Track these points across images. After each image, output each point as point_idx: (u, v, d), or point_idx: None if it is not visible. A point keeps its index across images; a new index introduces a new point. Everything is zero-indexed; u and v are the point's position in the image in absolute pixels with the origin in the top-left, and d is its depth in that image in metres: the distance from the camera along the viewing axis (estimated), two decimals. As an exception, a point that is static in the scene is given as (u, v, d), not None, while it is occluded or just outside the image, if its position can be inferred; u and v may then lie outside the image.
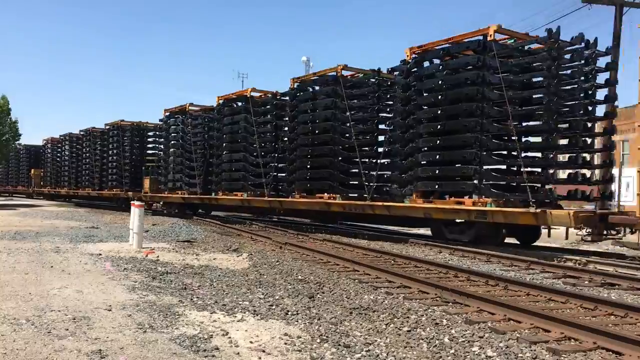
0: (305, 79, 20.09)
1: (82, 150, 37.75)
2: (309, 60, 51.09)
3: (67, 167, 40.20)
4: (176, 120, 27.22)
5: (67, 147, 40.55)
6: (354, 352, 5.08)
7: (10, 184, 57.01)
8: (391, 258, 11.44)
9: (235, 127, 22.60)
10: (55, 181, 43.10)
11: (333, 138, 18.23)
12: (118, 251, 11.88)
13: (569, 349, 5.23)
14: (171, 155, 27.11)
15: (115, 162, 32.28)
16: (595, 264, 10.87)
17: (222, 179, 23.05)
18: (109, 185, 32.82)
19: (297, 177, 19.39)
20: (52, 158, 44.60)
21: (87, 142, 36.57)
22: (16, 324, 5.58)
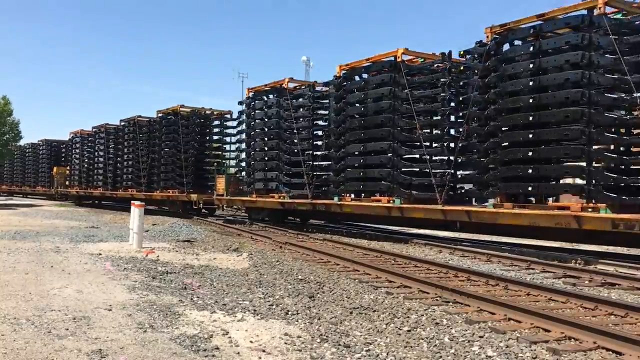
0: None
1: (123, 144, 31.21)
2: (309, 60, 51.17)
3: (103, 164, 33.97)
4: (266, 101, 20.83)
5: (102, 141, 34.14)
6: (354, 351, 5.08)
7: (27, 184, 49.98)
8: (391, 258, 11.44)
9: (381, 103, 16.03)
10: (86, 181, 36.41)
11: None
12: (118, 251, 11.89)
13: (569, 348, 5.23)
14: (258, 147, 21.15)
15: (172, 158, 26.05)
16: (595, 263, 10.87)
17: (349, 177, 16.67)
18: (161, 186, 26.82)
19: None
20: (81, 154, 37.74)
21: (131, 133, 30.16)
22: (16, 324, 5.58)
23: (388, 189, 15.54)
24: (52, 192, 43.25)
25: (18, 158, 51.26)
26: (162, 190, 26.90)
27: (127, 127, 30.76)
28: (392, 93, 15.66)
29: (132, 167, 30.10)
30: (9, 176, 54.63)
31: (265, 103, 20.93)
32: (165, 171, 26.54)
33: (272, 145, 20.43)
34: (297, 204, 18.79)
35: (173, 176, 25.99)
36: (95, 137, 35.53)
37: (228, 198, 23.01)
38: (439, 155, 15.34)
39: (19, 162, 51.49)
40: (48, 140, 45.95)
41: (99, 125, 34.83)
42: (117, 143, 32.21)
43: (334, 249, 13.00)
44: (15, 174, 53.21)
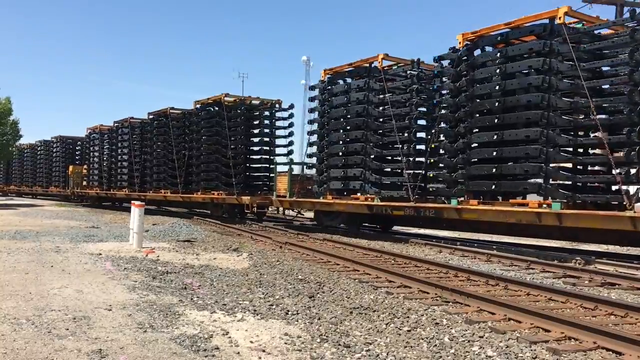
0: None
1: (152, 140, 27.83)
2: (309, 59, 51.12)
3: (128, 162, 30.59)
4: (349, 84, 17.54)
5: (126, 137, 30.82)
6: (354, 351, 5.08)
7: (38, 184, 46.47)
8: (391, 258, 11.44)
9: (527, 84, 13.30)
10: (108, 181, 33.13)
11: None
12: (118, 251, 11.89)
13: (569, 348, 5.23)
14: (335, 139, 17.89)
15: (215, 155, 22.93)
16: (595, 263, 10.87)
17: (474, 174, 13.85)
18: (202, 187, 23.67)
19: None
20: (101, 151, 34.32)
21: (161, 127, 27.02)
22: (16, 324, 5.58)
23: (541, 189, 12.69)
24: (67, 192, 39.87)
25: (28, 156, 48.64)
26: (204, 192, 23.55)
27: (155, 120, 27.54)
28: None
29: (163, 165, 26.82)
30: (18, 176, 51.59)
31: (348, 86, 17.54)
32: (207, 170, 23.34)
33: (356, 137, 17.02)
34: (391, 208, 15.56)
35: (217, 175, 22.79)
36: (118, 132, 32.11)
37: (293, 200, 19.27)
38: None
39: (30, 160, 48.63)
40: (63, 137, 42.49)
41: (121, 120, 31.68)
42: (145, 139, 28.79)
43: (334, 249, 13.00)
44: (25, 173, 50.02)
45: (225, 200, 22.30)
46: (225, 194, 22.20)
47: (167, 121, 26.50)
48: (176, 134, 25.84)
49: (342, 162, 17.45)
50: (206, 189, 23.47)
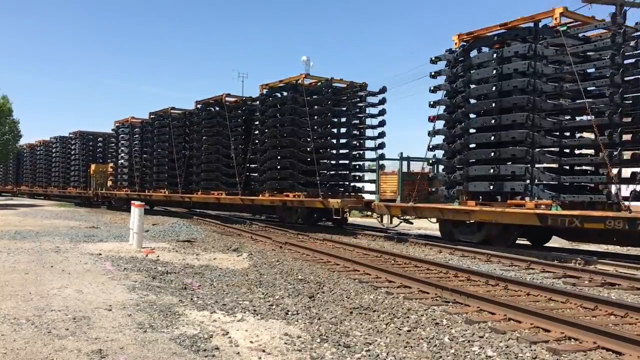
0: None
1: (200, 133, 23.90)
2: (309, 59, 51.03)
3: (167, 158, 26.65)
4: (501, 53, 13.40)
5: (165, 129, 26.90)
6: (354, 352, 5.08)
7: (53, 185, 42.08)
8: (391, 258, 11.44)
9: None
10: (141, 181, 29.12)
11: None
12: (118, 251, 11.89)
13: (569, 348, 5.23)
14: (476, 125, 14.05)
15: (289, 149, 19.10)
16: (595, 263, 10.87)
17: None
18: (269, 187, 19.76)
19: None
20: (131, 147, 30.49)
21: (212, 118, 23.16)
22: (16, 324, 5.58)
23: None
24: (88, 194, 35.53)
25: (41, 154, 44.89)
26: (273, 193, 19.73)
27: (204, 110, 23.91)
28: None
29: (215, 162, 23.05)
30: (30, 176, 47.65)
31: (500, 56, 13.40)
32: (278, 167, 19.56)
33: (516, 121, 12.92)
34: (581, 218, 11.52)
35: (292, 174, 19.14)
36: (154, 125, 27.99)
37: (409, 205, 15.25)
38: None
39: (43, 159, 44.59)
40: (82, 133, 38.39)
41: (159, 111, 27.78)
42: (191, 131, 24.91)
43: (334, 249, 13.00)
44: (38, 173, 45.93)
45: (304, 203, 18.60)
46: (305, 195, 18.53)
47: (220, 111, 22.52)
48: (233, 126, 22.22)
49: (490, 156, 13.42)
50: (275, 190, 19.74)
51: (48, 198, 45.68)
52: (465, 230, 14.42)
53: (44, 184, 44.41)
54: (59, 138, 41.36)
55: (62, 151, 40.73)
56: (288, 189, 19.26)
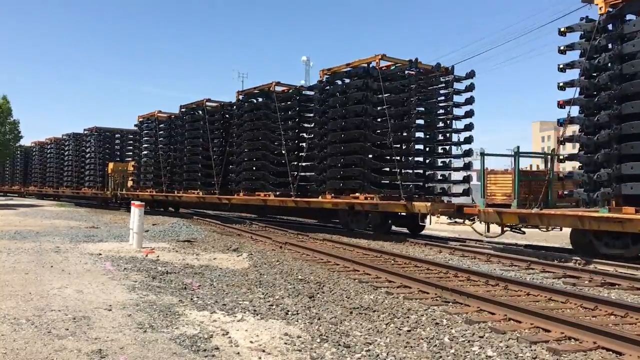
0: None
1: (242, 127, 21.33)
2: (309, 59, 51.09)
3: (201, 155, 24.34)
4: None
5: (199, 124, 24.47)
6: (354, 352, 5.08)
7: (65, 185, 39.44)
8: (391, 258, 11.44)
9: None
10: (170, 180, 26.44)
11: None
12: (118, 251, 11.89)
13: (569, 348, 5.23)
14: (629, 112, 11.01)
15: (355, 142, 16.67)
16: (595, 263, 10.87)
17: None
18: (330, 188, 17.22)
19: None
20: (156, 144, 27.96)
21: (257, 110, 20.80)
22: (16, 324, 5.58)
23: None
24: (106, 195, 32.76)
25: (52, 153, 42.40)
26: (336, 195, 17.14)
27: (246, 102, 21.50)
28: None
29: (262, 159, 20.49)
30: (40, 175, 45.15)
31: None
32: (347, 164, 16.87)
33: None
34: None
35: (362, 172, 16.38)
36: (185, 120, 25.76)
37: (535, 212, 12.39)
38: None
39: (54, 158, 42.05)
40: (100, 129, 35.60)
41: (191, 104, 25.46)
42: (232, 126, 22.64)
43: (334, 249, 13.00)
44: (48, 172, 43.16)
45: (379, 207, 15.86)
46: (380, 197, 15.91)
47: (267, 102, 20.23)
48: (283, 119, 19.70)
49: None
50: (339, 191, 17.13)
51: (59, 199, 43.44)
52: (614, 243, 11.65)
53: (55, 184, 41.64)
54: (72, 135, 38.62)
55: (76, 149, 37.93)
56: (357, 189, 16.49)
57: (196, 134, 25.05)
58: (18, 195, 51.14)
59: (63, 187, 40.14)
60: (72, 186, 38.37)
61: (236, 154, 21.73)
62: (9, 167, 53.23)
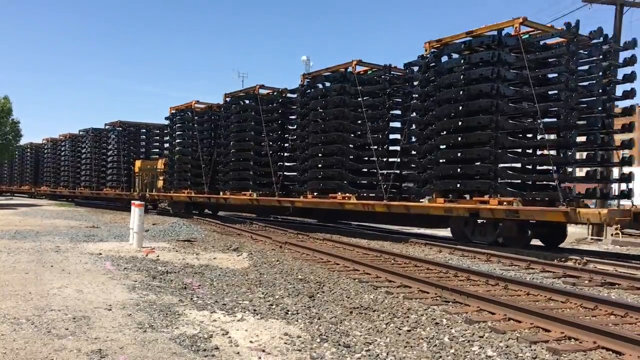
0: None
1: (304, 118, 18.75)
2: (309, 59, 51.05)
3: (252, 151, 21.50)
4: None
5: (250, 114, 21.61)
6: (354, 351, 5.07)
7: (83, 185, 36.06)
8: (391, 257, 11.44)
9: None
10: (212, 180, 23.57)
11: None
12: (118, 250, 11.88)
13: (569, 348, 5.23)
14: None
15: (482, 130, 13.71)
16: (595, 263, 10.87)
17: None
18: (439, 188, 14.42)
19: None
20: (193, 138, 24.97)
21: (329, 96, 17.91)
22: (16, 324, 5.57)
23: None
24: (133, 196, 28.55)
25: (67, 150, 39.06)
26: (447, 198, 14.27)
27: (312, 87, 18.56)
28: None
29: (339, 155, 17.40)
30: (53, 175, 41.85)
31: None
32: (466, 159, 13.98)
33: None
34: None
35: (492, 169, 13.47)
36: (231, 110, 22.70)
37: None
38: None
39: (69, 155, 38.60)
40: (124, 123, 31.77)
41: (239, 92, 22.83)
42: (292, 114, 20.43)
43: (334, 249, 12.99)
44: (62, 171, 39.87)
45: (519, 214, 12.63)
46: (521, 201, 12.90)
47: (345, 85, 17.20)
48: (368, 104, 16.81)
49: None
50: (449, 193, 14.30)
51: (73, 200, 40.51)
52: None
53: (71, 184, 38.08)
54: (90, 130, 34.95)
55: (95, 145, 34.23)
56: (485, 191, 13.57)
57: (246, 126, 21.91)
58: (28, 195, 48.35)
59: (80, 188, 36.80)
60: (92, 187, 34.65)
61: (300, 148, 18.56)
62: (18, 166, 50.33)
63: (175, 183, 26.39)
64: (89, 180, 35.41)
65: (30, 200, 43.84)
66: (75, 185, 37.64)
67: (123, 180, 31.26)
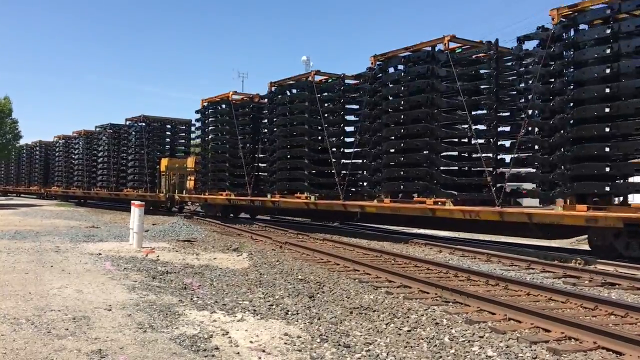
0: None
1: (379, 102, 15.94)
2: (308, 59, 51.04)
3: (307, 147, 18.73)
4: None
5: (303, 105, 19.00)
6: (354, 352, 5.07)
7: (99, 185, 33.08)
8: (391, 258, 11.44)
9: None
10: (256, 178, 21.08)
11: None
12: (118, 251, 11.88)
13: (569, 348, 5.23)
14: None
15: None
16: (595, 263, 10.86)
17: None
18: (575, 191, 11.56)
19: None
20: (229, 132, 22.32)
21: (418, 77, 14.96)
22: (16, 324, 5.57)
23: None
24: (159, 197, 26.45)
25: (81, 148, 35.98)
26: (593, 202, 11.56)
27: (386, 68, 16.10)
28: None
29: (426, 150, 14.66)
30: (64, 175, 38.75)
31: None
32: None
33: None
34: None
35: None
36: (276, 100, 20.16)
37: None
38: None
39: (83, 153, 35.41)
40: (148, 118, 28.58)
41: (286, 80, 19.94)
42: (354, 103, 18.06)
43: (334, 249, 12.99)
44: (75, 171, 36.83)
45: None
46: None
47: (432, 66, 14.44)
48: (465, 79, 14.59)
49: None
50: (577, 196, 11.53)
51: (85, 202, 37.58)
52: None
53: (86, 184, 34.98)
54: (109, 126, 32.22)
55: (113, 143, 31.40)
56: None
57: (297, 118, 19.28)
58: (37, 197, 45.86)
59: (97, 188, 33.69)
60: (109, 187, 31.68)
61: (370, 143, 16.06)
62: (25, 165, 47.54)
63: (209, 184, 23.35)
64: (106, 180, 32.33)
65: (30, 200, 43.73)
66: (91, 186, 34.63)
67: (146, 181, 27.76)
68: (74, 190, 37.44)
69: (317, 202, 18.01)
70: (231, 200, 21.91)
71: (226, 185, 22.41)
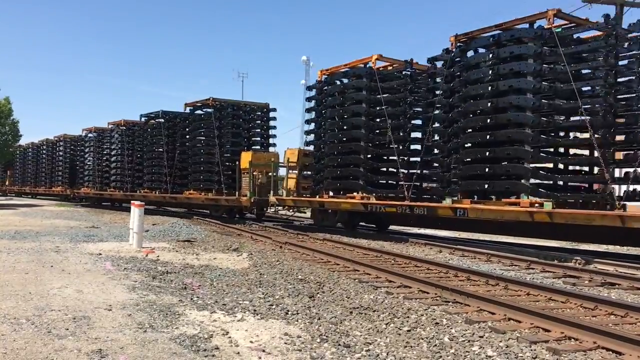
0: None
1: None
2: (308, 59, 51.13)
3: None
4: None
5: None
6: (354, 351, 5.08)
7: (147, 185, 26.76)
8: (391, 258, 11.44)
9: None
10: (420, 176, 15.63)
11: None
12: (118, 251, 11.88)
13: (569, 348, 5.23)
14: None
15: None
16: (595, 263, 10.87)
17: None
18: None
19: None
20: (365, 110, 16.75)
21: None
22: (16, 324, 5.58)
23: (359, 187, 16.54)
24: (240, 201, 20.80)
25: (120, 142, 29.82)
26: None
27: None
28: None
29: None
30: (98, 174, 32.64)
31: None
32: None
33: None
34: None
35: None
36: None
37: None
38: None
39: (125, 148, 28.97)
40: (217, 101, 22.54)
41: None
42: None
43: (334, 249, 12.99)
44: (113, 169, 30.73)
45: None
46: None
47: None
48: None
49: None
50: None
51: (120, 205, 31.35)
52: None
53: (128, 184, 28.60)
54: (160, 113, 26.01)
55: (169, 134, 25.31)
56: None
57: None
58: (61, 199, 41.08)
59: (144, 190, 26.97)
60: (162, 188, 25.38)
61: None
62: (45, 164, 42.99)
63: (324, 183, 18.12)
64: (157, 180, 25.93)
65: (30, 200, 43.66)
66: (135, 187, 28.04)
67: (221, 180, 21.65)
68: (111, 192, 30.93)
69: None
70: (367, 205, 16.19)
71: (359, 184, 16.83)
